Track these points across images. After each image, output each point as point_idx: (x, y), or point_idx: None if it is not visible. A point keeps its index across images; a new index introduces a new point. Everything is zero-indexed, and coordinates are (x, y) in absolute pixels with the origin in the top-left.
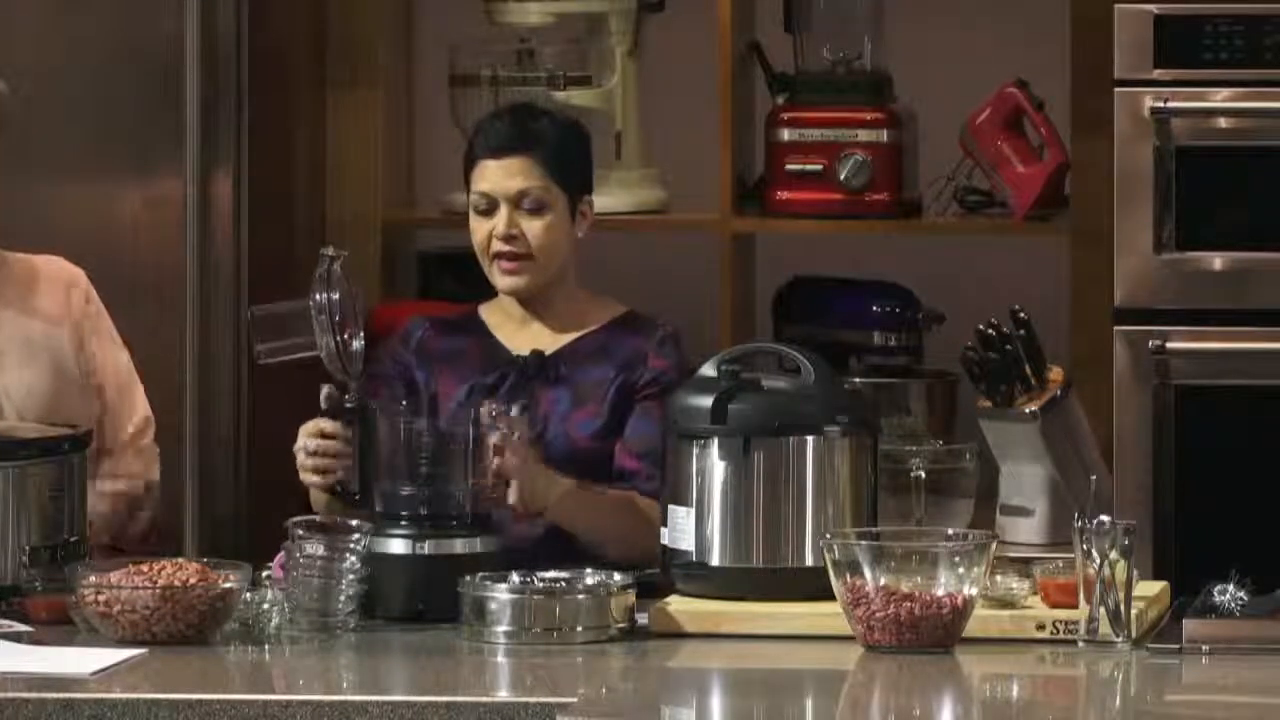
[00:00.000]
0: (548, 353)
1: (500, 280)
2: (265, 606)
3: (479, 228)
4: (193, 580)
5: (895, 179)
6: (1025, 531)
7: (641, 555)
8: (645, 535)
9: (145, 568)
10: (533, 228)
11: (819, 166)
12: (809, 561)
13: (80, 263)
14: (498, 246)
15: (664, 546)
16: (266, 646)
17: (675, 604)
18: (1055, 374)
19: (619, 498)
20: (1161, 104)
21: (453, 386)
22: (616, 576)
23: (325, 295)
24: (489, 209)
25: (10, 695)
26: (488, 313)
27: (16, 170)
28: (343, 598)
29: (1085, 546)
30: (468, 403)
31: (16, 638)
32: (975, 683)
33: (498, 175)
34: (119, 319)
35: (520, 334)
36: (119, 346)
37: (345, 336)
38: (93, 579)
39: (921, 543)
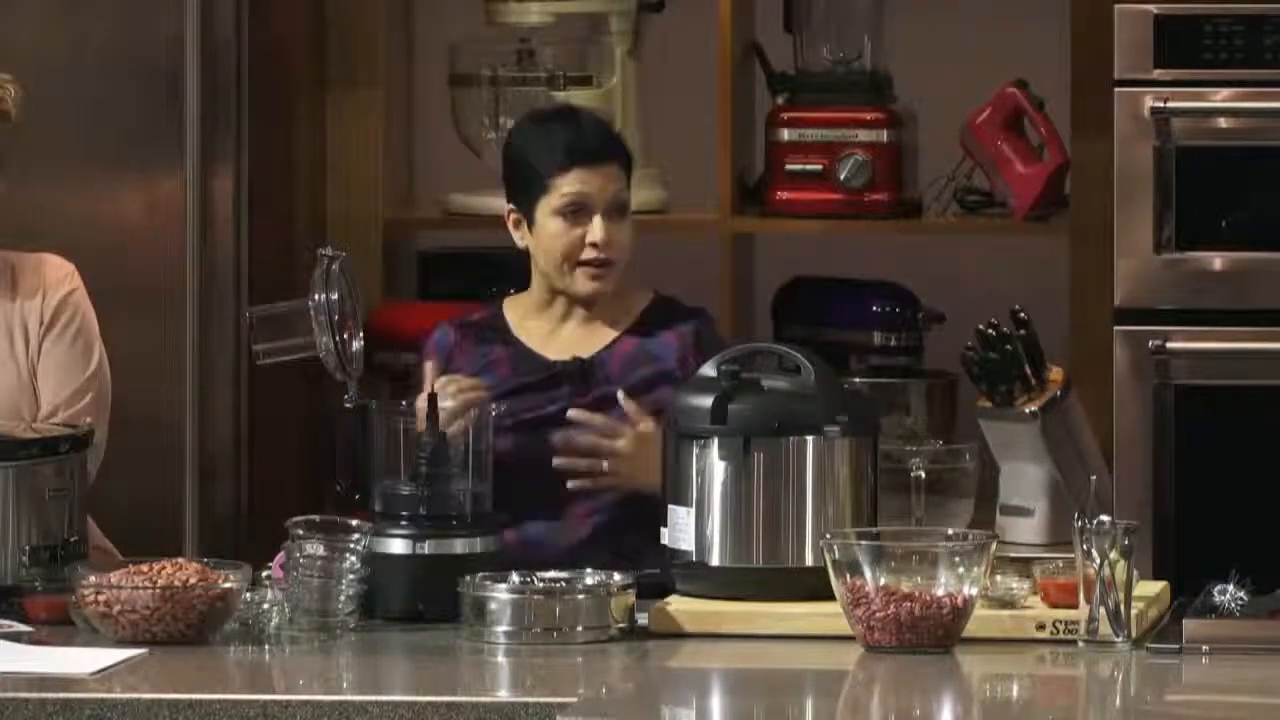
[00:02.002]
0: (585, 355)
1: (584, 285)
2: (265, 606)
3: (563, 233)
4: (193, 580)
5: (895, 179)
6: (1025, 531)
7: None
8: None
9: (145, 568)
10: (621, 233)
11: (819, 166)
12: (809, 561)
13: (80, 263)
14: (591, 254)
15: (664, 546)
16: (266, 646)
17: (675, 604)
18: (1055, 374)
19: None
20: (1161, 104)
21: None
22: (616, 576)
23: (325, 295)
24: (578, 213)
25: (10, 695)
26: (513, 309)
27: (17, 170)
28: (343, 598)
29: (1085, 546)
30: (508, 410)
31: (16, 638)
32: (975, 683)
33: (594, 181)
34: (119, 319)
35: (553, 337)
36: (79, 352)
37: (345, 336)
38: (93, 579)
39: (921, 543)
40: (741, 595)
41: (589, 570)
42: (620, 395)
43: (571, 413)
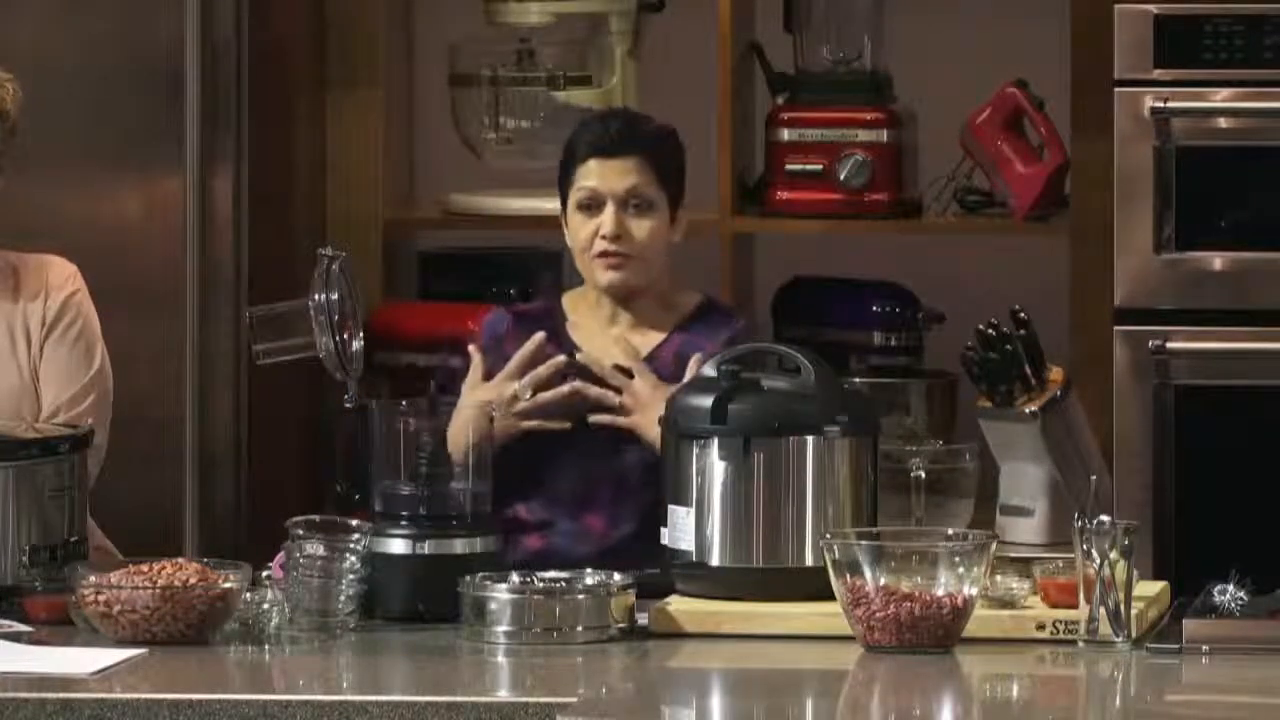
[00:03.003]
0: (627, 364)
1: (601, 275)
2: (265, 606)
3: (582, 225)
4: (193, 580)
5: (895, 179)
6: (1025, 531)
7: None
8: None
9: (145, 568)
10: (638, 228)
11: (819, 166)
12: (809, 561)
13: (80, 263)
14: (602, 245)
15: (664, 546)
16: (266, 646)
17: (675, 604)
18: (1055, 374)
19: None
20: (1161, 104)
21: None
22: (616, 576)
23: (325, 295)
24: (593, 206)
25: (10, 695)
26: (571, 303)
27: (17, 169)
28: (343, 598)
29: (1085, 546)
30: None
31: (16, 638)
32: (975, 683)
33: (607, 174)
34: (119, 319)
35: (601, 335)
36: (81, 354)
37: (345, 336)
38: (93, 579)
39: (921, 543)
40: (741, 595)
41: (589, 570)
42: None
43: (576, 384)
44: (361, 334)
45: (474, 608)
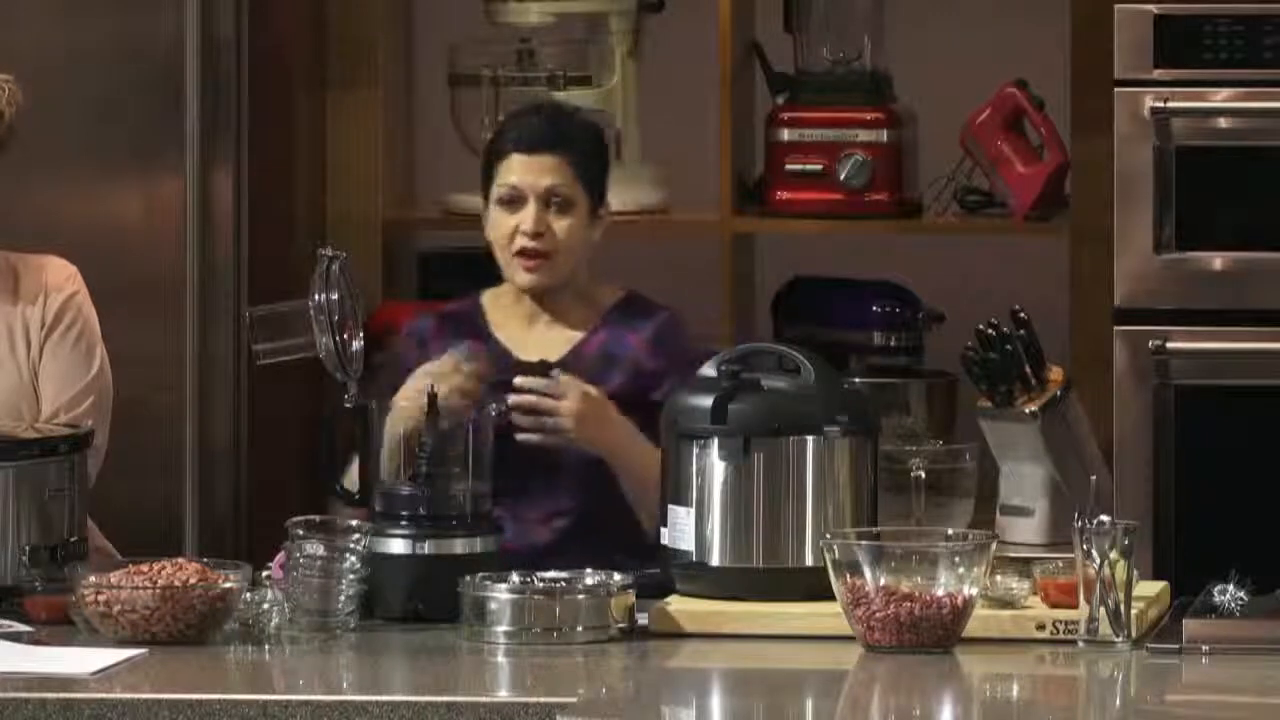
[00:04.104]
0: (552, 359)
1: (519, 277)
2: (265, 606)
3: (502, 221)
4: (193, 580)
5: (895, 179)
6: (1025, 531)
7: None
8: None
9: (145, 568)
10: (558, 226)
11: (819, 166)
12: (809, 561)
13: (80, 263)
14: (522, 243)
15: (664, 546)
16: (266, 646)
17: (675, 604)
18: (1055, 374)
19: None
20: (1161, 104)
21: None
22: (616, 576)
23: (325, 295)
24: (515, 202)
25: (10, 695)
26: (491, 304)
27: (17, 169)
28: (343, 598)
29: (1085, 546)
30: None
31: (16, 638)
32: (975, 683)
33: (529, 171)
34: (119, 319)
35: (525, 334)
36: (81, 355)
37: (345, 337)
38: (93, 579)
39: (921, 543)
40: (741, 595)
41: (589, 570)
42: (556, 371)
43: (518, 380)
44: (361, 334)
45: (474, 608)
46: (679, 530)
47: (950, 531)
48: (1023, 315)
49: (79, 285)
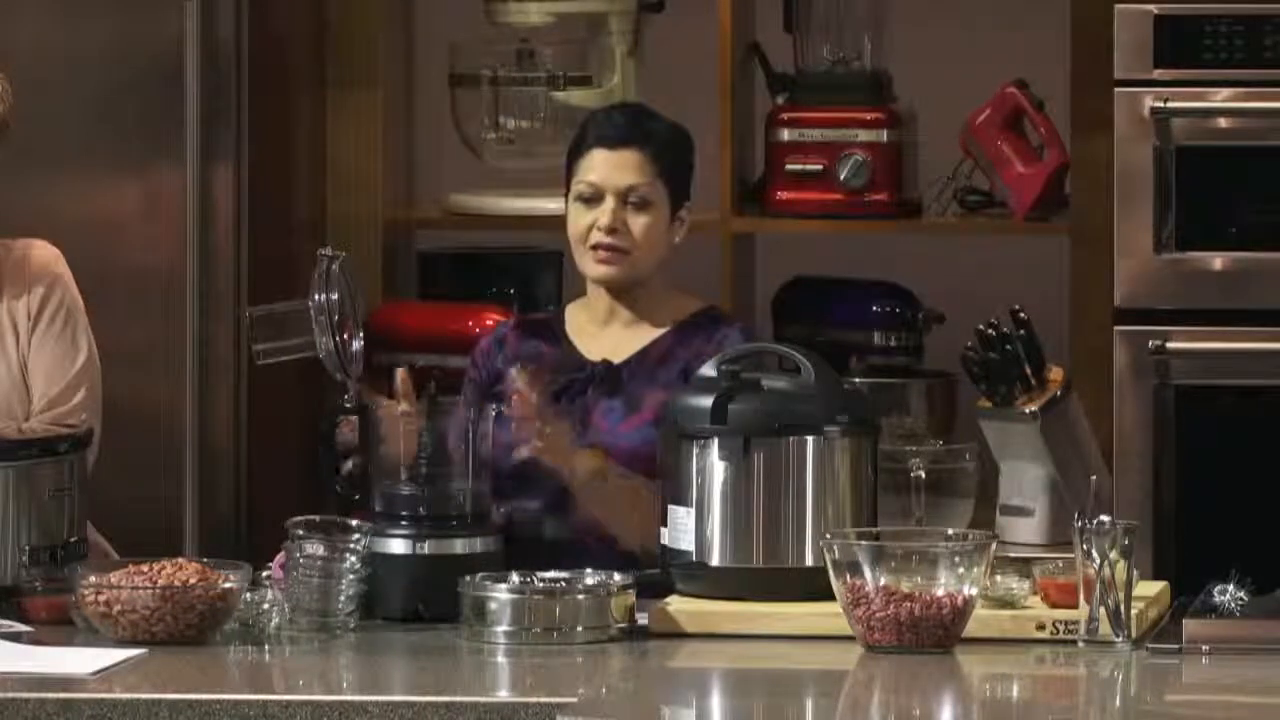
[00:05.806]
0: (616, 362)
1: (593, 269)
2: (265, 606)
3: (580, 217)
4: (193, 580)
5: (895, 179)
6: (1025, 531)
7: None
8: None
9: (145, 568)
10: (635, 224)
11: (819, 166)
12: (809, 561)
13: (80, 262)
14: (598, 238)
15: (664, 546)
16: (266, 646)
17: (675, 604)
18: (1055, 374)
19: (635, 489)
20: (1161, 104)
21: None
22: (616, 576)
23: (324, 295)
24: (593, 199)
25: (10, 695)
26: (574, 312)
27: (17, 169)
28: (343, 598)
29: (1085, 546)
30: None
31: (16, 638)
32: (975, 683)
33: (608, 167)
34: (119, 318)
35: (598, 336)
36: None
37: (345, 337)
38: (93, 579)
39: (921, 543)
40: (741, 595)
41: (589, 570)
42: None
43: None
44: (361, 334)
45: (474, 608)
46: (679, 530)
47: (950, 531)
48: (1023, 315)
49: (61, 268)
